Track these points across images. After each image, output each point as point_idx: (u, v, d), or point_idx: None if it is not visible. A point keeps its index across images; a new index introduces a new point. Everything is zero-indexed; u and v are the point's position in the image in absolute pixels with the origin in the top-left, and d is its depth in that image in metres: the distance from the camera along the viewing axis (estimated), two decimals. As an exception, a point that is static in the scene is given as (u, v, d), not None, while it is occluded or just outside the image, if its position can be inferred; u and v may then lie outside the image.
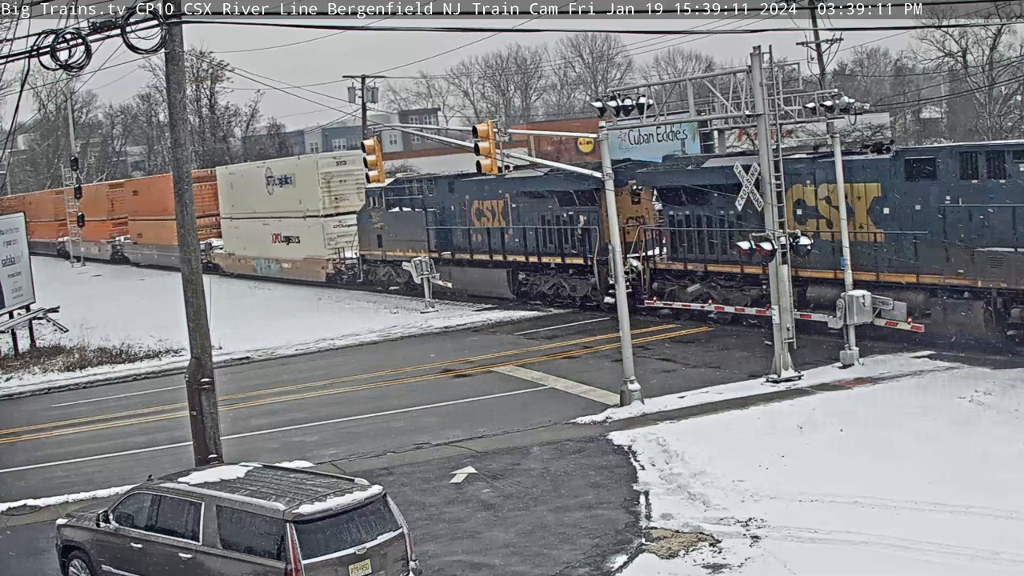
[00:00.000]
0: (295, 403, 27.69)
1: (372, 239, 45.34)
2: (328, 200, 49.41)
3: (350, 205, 48.92)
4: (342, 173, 49.37)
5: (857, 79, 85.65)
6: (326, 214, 49.36)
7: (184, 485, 14.57)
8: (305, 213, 50.29)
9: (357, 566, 13.15)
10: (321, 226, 49.32)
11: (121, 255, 74.23)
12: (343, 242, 48.33)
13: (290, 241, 52.54)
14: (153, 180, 75.35)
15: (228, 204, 58.42)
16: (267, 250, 54.53)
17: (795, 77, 27.76)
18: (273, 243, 53.81)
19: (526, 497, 18.34)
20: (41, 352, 37.46)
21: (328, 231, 49.15)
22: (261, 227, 54.49)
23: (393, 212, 43.80)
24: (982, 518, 15.33)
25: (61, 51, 17.54)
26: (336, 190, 49.44)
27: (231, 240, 59.17)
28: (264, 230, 54.33)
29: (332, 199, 49.48)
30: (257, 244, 55.47)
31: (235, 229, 58.36)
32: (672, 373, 26.61)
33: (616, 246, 24.45)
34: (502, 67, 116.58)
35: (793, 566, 14.51)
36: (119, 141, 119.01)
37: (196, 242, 19.09)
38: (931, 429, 19.76)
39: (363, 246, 46.40)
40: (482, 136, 24.74)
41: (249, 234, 56.25)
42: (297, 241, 51.88)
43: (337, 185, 49.30)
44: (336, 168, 49.80)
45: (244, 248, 57.29)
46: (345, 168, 49.18)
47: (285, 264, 53.23)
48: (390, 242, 44.04)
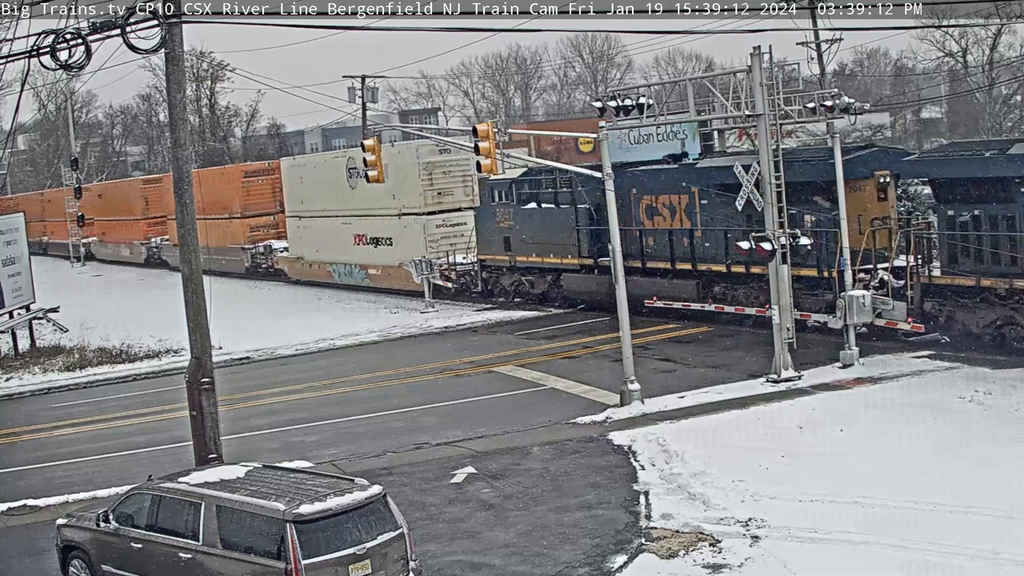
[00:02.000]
0: (295, 403, 27.70)
1: (495, 241, 38.79)
2: (430, 195, 42.62)
3: (454, 201, 42.80)
4: (446, 163, 42.49)
5: (857, 79, 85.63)
6: (427, 211, 42.60)
7: (184, 485, 14.57)
8: (400, 211, 43.52)
9: (357, 566, 13.15)
10: (422, 226, 42.44)
11: (158, 258, 67.81)
12: (445, 245, 42.06)
13: (379, 243, 45.55)
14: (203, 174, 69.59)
15: (296, 200, 51.53)
16: (348, 254, 47.38)
17: (795, 77, 27.73)
18: (356, 246, 46.92)
19: (526, 497, 18.34)
20: (41, 352, 37.46)
21: (429, 232, 42.45)
22: (339, 227, 47.60)
23: (527, 209, 37.24)
24: (982, 518, 15.33)
25: (61, 51, 17.54)
26: (439, 183, 42.59)
27: (299, 242, 52.08)
28: (343, 230, 47.52)
29: (434, 194, 42.71)
30: (334, 247, 48.31)
31: (304, 229, 51.26)
32: (672, 373, 26.61)
33: (616, 247, 24.42)
34: (502, 67, 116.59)
35: (793, 566, 14.51)
36: (119, 141, 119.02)
37: (196, 242, 19.06)
38: (931, 429, 19.76)
39: (482, 249, 39.82)
40: (482, 136, 24.74)
41: (323, 235, 49.26)
42: (388, 243, 44.82)
43: (440, 178, 42.35)
44: (439, 157, 42.48)
45: (317, 251, 50.00)
46: (450, 158, 42.08)
47: (372, 271, 45.95)
48: (522, 245, 37.55)
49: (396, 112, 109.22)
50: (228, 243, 57.00)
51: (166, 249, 66.33)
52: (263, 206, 56.22)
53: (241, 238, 56.49)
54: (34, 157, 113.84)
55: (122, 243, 72.92)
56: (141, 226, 69.99)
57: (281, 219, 54.94)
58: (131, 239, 71.16)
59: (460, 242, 41.51)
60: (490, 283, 40.19)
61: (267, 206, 55.95)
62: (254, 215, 56.50)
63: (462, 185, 42.63)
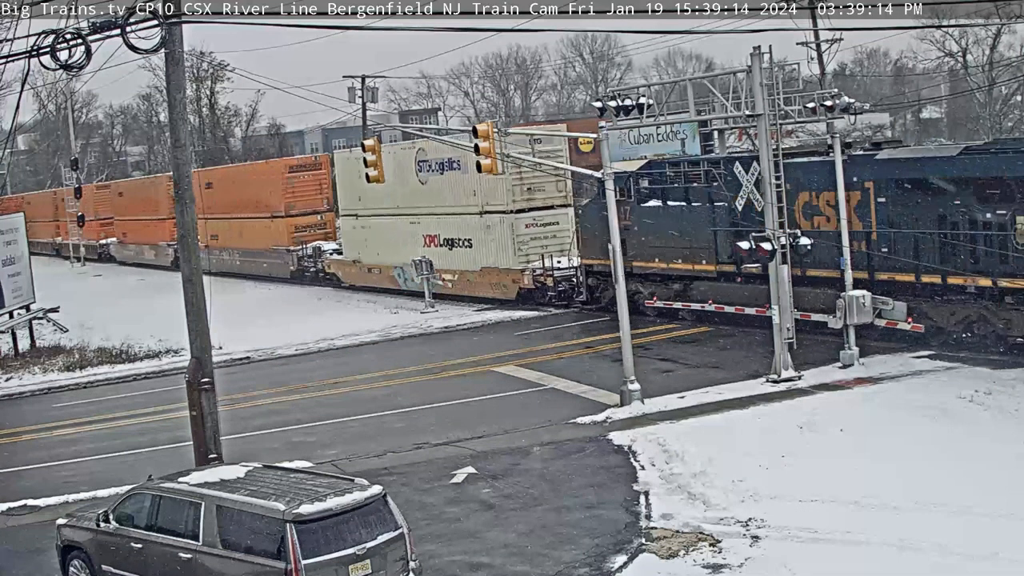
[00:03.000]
0: (295, 403, 27.70)
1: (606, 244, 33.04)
2: (519, 191, 37.89)
3: (545, 198, 38.25)
4: (539, 154, 36.90)
5: (857, 79, 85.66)
6: (516, 209, 37.98)
7: (184, 485, 14.57)
8: (482, 208, 39.04)
9: (357, 566, 13.15)
10: (509, 226, 37.84)
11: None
12: (535, 247, 37.70)
13: (454, 245, 40.99)
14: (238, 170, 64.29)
15: (352, 197, 46.70)
16: (416, 257, 42.12)
17: (795, 77, 27.71)
18: (426, 248, 42.24)
19: (526, 497, 18.34)
20: (41, 352, 37.48)
21: (518, 232, 37.85)
22: (407, 227, 43.07)
23: (650, 207, 32.28)
24: (982, 518, 15.32)
25: (61, 51, 17.53)
26: (529, 178, 37.96)
27: (356, 243, 47.44)
28: (411, 231, 42.99)
29: (524, 190, 37.96)
30: (398, 249, 43.53)
31: (362, 230, 46.82)
32: (672, 373, 26.60)
33: (616, 247, 24.43)
34: (502, 67, 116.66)
35: (793, 566, 14.50)
36: (119, 141, 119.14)
37: (196, 242, 19.05)
38: (931, 429, 19.76)
39: (588, 253, 34.80)
40: (482, 136, 24.74)
41: (385, 236, 44.69)
42: (467, 245, 40.27)
43: (531, 171, 37.60)
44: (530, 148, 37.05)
45: (377, 254, 45.23)
46: (541, 148, 37.13)
47: (447, 276, 40.93)
48: (642, 248, 32.34)
49: (396, 112, 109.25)
50: (269, 245, 53.54)
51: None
52: (309, 204, 52.52)
53: (285, 239, 52.65)
54: (34, 157, 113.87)
55: (146, 244, 68.69)
56: (167, 226, 63.69)
57: (329, 218, 51.77)
58: (156, 240, 66.67)
59: (552, 244, 37.49)
60: (598, 291, 35.09)
61: (313, 204, 52.42)
62: (299, 214, 52.66)
63: (554, 180, 38.36)
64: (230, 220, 56.67)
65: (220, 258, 57.70)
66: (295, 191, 52.44)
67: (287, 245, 52.48)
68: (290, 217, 52.57)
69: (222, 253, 58.19)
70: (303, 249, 51.72)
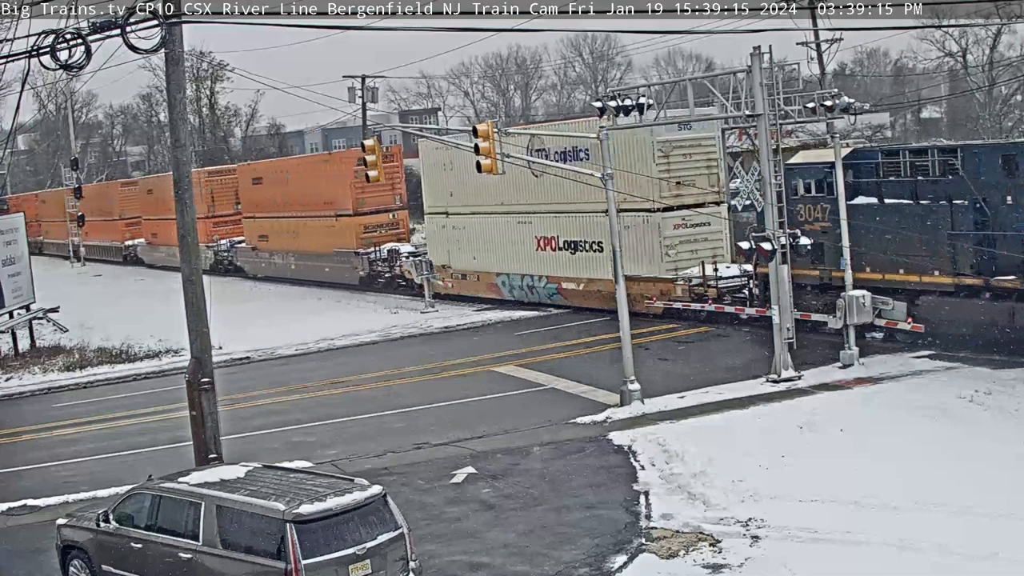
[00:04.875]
0: (295, 403, 27.70)
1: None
2: (666, 186, 32.42)
3: (695, 194, 32.71)
4: (687, 143, 32.56)
5: (857, 79, 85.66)
6: (663, 207, 32.48)
7: (184, 485, 14.56)
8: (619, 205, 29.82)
9: (357, 566, 13.15)
10: (656, 226, 32.29)
11: (229, 263, 58.20)
12: (684, 252, 32.36)
13: (579, 249, 35.44)
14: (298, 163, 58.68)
15: (440, 192, 41.20)
16: (527, 262, 37.35)
17: (795, 77, 27.71)
18: (540, 251, 37.02)
19: (526, 497, 18.34)
20: (41, 352, 37.48)
21: (665, 234, 32.31)
22: (514, 227, 37.82)
23: (859, 205, 26.98)
24: (982, 518, 15.33)
25: (61, 51, 17.52)
26: (678, 169, 32.53)
27: (444, 245, 41.79)
28: (519, 232, 37.72)
29: (671, 184, 32.49)
30: (503, 253, 38.39)
31: (453, 230, 41.25)
32: (672, 373, 26.60)
33: (616, 247, 24.42)
34: (502, 67, 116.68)
35: (793, 566, 14.50)
36: (119, 141, 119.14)
37: (196, 242, 19.04)
38: (931, 429, 19.77)
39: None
40: (482, 136, 24.75)
41: (485, 237, 39.51)
42: (596, 249, 34.47)
43: (680, 162, 32.42)
44: (679, 135, 32.25)
45: (473, 258, 39.80)
46: (692, 136, 32.38)
47: (569, 284, 35.97)
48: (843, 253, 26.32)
49: (396, 112, 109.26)
50: (332, 247, 48.33)
51: (242, 254, 56.82)
52: (381, 200, 47.02)
53: (352, 240, 47.24)
54: (34, 157, 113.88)
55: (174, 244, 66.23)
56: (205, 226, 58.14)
57: (402, 216, 47.36)
58: None
59: (703, 248, 32.20)
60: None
61: (385, 200, 46.94)
62: (370, 212, 47.42)
63: (706, 172, 32.86)
64: (283, 219, 51.53)
65: (271, 261, 52.91)
66: (364, 186, 44.85)
67: (355, 247, 47.01)
68: (359, 216, 47.22)
69: (273, 256, 52.99)
70: (375, 252, 46.26)
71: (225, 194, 59.25)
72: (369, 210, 47.34)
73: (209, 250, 58.10)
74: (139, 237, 69.71)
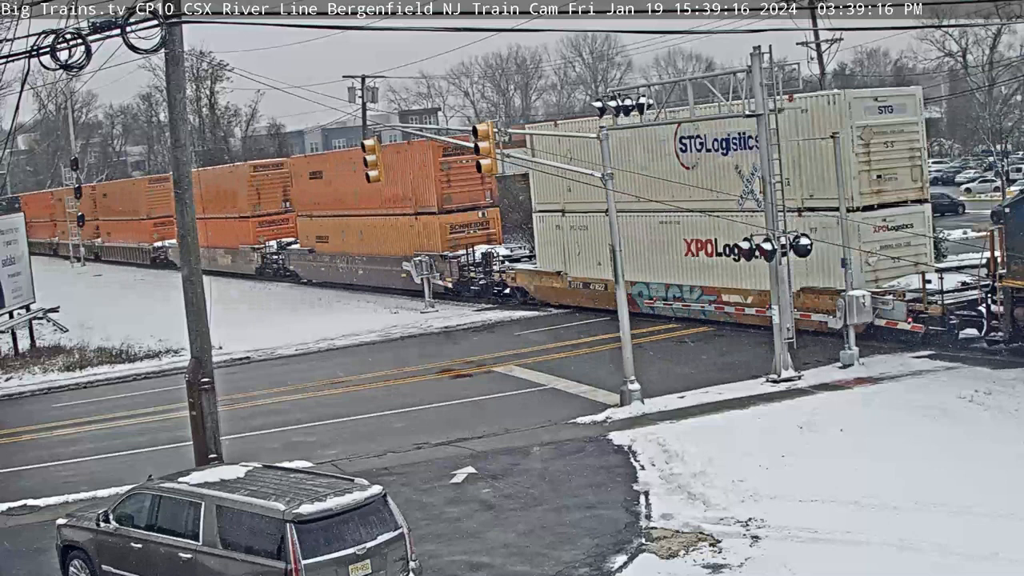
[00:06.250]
0: (295, 403, 27.70)
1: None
2: (866, 179, 27.28)
3: (897, 190, 27.71)
4: (889, 129, 27.52)
5: (857, 79, 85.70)
6: (861, 205, 27.16)
7: (184, 485, 14.57)
8: (802, 203, 27.84)
9: (357, 566, 13.15)
10: (855, 229, 26.46)
11: (278, 267, 52.83)
12: (885, 259, 26.93)
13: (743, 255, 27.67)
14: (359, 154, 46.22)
15: (554, 187, 35.06)
16: (674, 270, 31.93)
17: (795, 77, 27.69)
18: (691, 257, 31.64)
19: (526, 497, 18.35)
20: (41, 352, 37.48)
21: (865, 239, 26.88)
22: (655, 227, 32.32)
23: None
24: (982, 518, 15.33)
25: (61, 51, 17.52)
26: (879, 160, 27.42)
27: (558, 249, 36.65)
28: (665, 234, 32.20)
29: (872, 178, 27.38)
30: (641, 258, 32.16)
31: (571, 231, 36.02)
32: (672, 373, 26.60)
33: (617, 248, 24.42)
34: (502, 67, 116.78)
35: (793, 566, 14.50)
36: (119, 141, 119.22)
37: (196, 242, 19.03)
38: (931, 429, 19.77)
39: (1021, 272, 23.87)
40: (482, 136, 24.75)
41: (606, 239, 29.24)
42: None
43: (880, 151, 27.32)
44: (881, 119, 27.47)
45: (598, 264, 33.45)
46: (895, 120, 27.67)
47: (733, 296, 30.28)
48: None
49: (396, 112, 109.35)
50: (410, 249, 42.51)
51: (295, 257, 51.04)
52: (470, 196, 41.64)
53: (437, 242, 41.45)
54: (34, 157, 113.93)
55: (219, 247, 56.23)
56: (249, 226, 54.52)
57: (493, 214, 41.92)
58: (236, 243, 55.50)
59: (906, 255, 27.18)
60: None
61: (474, 197, 41.56)
62: (457, 209, 41.83)
63: (908, 165, 27.91)
64: (348, 217, 45.93)
65: (331, 266, 47.44)
66: (451, 180, 41.10)
67: (441, 250, 41.34)
68: (445, 214, 41.48)
69: (334, 259, 47.38)
70: (467, 254, 40.78)
71: (272, 191, 54.21)
72: (456, 207, 41.72)
73: (255, 253, 53.95)
74: (170, 238, 60.21)
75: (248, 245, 54.43)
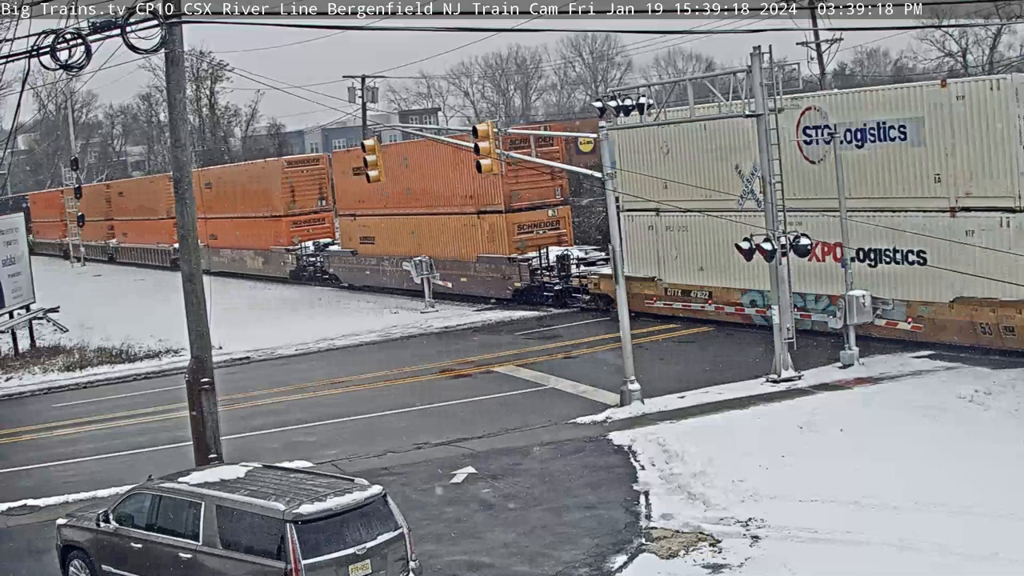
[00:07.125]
0: (295, 403, 27.70)
1: None
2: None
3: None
4: None
5: (857, 79, 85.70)
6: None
7: (184, 485, 14.57)
8: (955, 200, 24.57)
9: (357, 566, 13.15)
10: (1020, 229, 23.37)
11: (316, 270, 49.30)
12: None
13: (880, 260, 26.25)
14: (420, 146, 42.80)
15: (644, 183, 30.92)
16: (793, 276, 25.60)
17: (795, 77, 27.69)
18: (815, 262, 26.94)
19: (526, 497, 18.35)
20: (41, 352, 37.48)
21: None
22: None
23: None
24: (982, 518, 15.33)
25: (61, 51, 17.53)
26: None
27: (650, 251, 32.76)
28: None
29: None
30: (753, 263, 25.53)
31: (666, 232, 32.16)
32: (672, 373, 26.58)
33: (616, 247, 24.43)
34: (502, 67, 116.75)
35: (793, 566, 14.50)
36: (119, 141, 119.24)
37: (196, 242, 19.05)
38: (931, 429, 19.76)
39: None
40: (482, 136, 24.74)
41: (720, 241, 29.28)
42: (917, 261, 25.51)
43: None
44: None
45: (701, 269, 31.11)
46: None
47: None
48: None
49: (396, 112, 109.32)
50: (475, 252, 39.37)
51: (337, 259, 47.23)
52: (539, 194, 38.13)
53: (503, 244, 38.25)
54: (34, 157, 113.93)
55: (248, 249, 53.17)
56: (283, 226, 50.79)
57: (564, 213, 38.61)
58: (267, 244, 51.93)
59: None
60: None
61: (544, 194, 38.12)
62: (525, 208, 38.22)
63: None
64: (400, 216, 42.55)
65: (379, 268, 43.82)
66: (519, 178, 37.30)
67: (508, 252, 38.01)
68: (511, 213, 37.94)
69: (383, 262, 43.57)
70: (539, 256, 37.41)
71: (307, 188, 50.57)
72: (524, 206, 38.11)
73: (290, 254, 50.29)
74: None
75: (282, 246, 51.10)
